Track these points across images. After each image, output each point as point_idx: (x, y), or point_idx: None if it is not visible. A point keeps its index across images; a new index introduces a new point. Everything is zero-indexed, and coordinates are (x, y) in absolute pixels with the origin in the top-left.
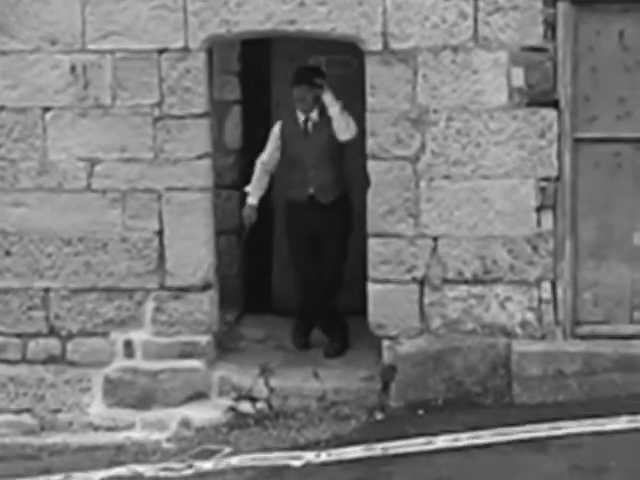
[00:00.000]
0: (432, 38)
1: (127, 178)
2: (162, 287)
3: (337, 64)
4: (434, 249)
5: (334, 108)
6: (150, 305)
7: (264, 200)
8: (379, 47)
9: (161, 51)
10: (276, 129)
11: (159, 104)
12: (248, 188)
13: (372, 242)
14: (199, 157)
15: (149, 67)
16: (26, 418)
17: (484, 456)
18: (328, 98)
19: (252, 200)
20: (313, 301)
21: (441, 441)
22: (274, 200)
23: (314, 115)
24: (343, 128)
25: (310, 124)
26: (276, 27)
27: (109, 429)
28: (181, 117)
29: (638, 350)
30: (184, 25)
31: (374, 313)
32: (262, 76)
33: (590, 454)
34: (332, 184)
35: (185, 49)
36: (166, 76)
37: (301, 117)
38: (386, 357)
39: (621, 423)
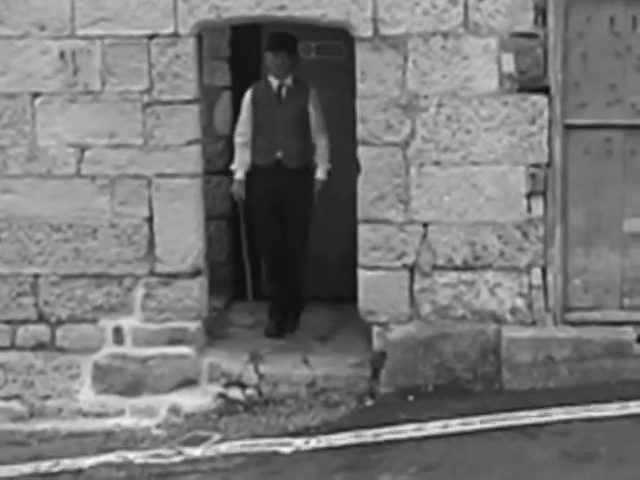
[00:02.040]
0: (422, 24)
1: (116, 164)
2: (152, 273)
3: (327, 50)
4: (424, 235)
5: (322, 138)
6: (140, 291)
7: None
8: (369, 33)
9: (150, 37)
10: (247, 96)
11: (149, 90)
12: (233, 166)
13: (362, 228)
14: (189, 143)
15: (138, 53)
16: (15, 404)
17: (474, 442)
18: (317, 123)
19: (239, 175)
20: (279, 274)
21: (431, 427)
22: None
23: (288, 81)
24: (324, 159)
25: (284, 90)
26: (266, 13)
27: (98, 416)
28: (171, 103)
29: (628, 336)
30: (174, 11)
31: (364, 299)
32: (252, 62)
33: (580, 441)
34: (300, 151)
35: (175, 35)
36: (155, 62)
37: (274, 82)
38: (376, 343)
39: (611, 410)
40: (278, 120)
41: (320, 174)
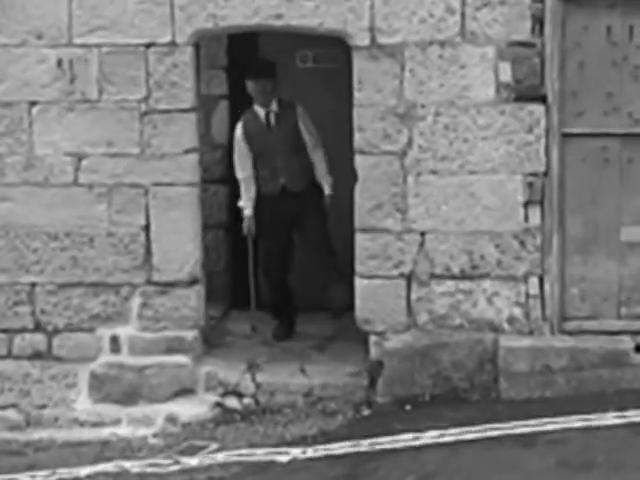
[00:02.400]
0: (419, 33)
1: (114, 173)
2: (149, 282)
3: (324, 59)
4: (421, 244)
5: (317, 153)
6: (136, 300)
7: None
8: (366, 42)
9: (148, 45)
10: (238, 131)
11: (146, 99)
12: (241, 203)
13: (359, 237)
14: (186, 152)
15: (136, 61)
16: (12, 413)
17: (471, 452)
18: (310, 139)
19: (248, 212)
20: (285, 285)
21: (428, 437)
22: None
23: (274, 106)
24: (325, 173)
25: (272, 116)
26: (263, 22)
27: (95, 425)
28: (168, 112)
29: (625, 345)
30: (171, 19)
31: (361, 308)
32: None
33: (577, 450)
34: (301, 172)
35: (172, 43)
36: (153, 71)
37: (261, 111)
38: (373, 352)
39: (608, 419)
40: (274, 147)
41: (327, 190)
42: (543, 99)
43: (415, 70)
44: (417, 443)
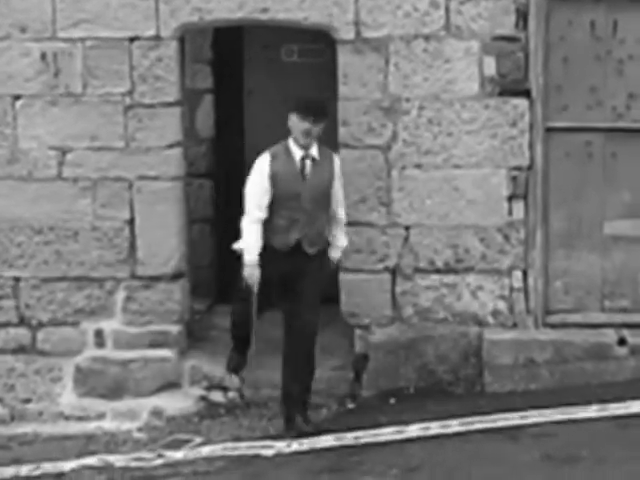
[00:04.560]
0: (404, 27)
1: (98, 167)
2: (133, 276)
3: (309, 53)
4: (406, 238)
5: (341, 211)
6: (121, 294)
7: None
8: (351, 36)
9: (132, 39)
10: (265, 167)
11: (130, 92)
12: (241, 244)
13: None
14: (170, 146)
15: (120, 55)
16: None
17: (455, 445)
18: (337, 194)
19: (253, 258)
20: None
21: (412, 430)
22: None
23: (314, 151)
24: (342, 236)
25: (308, 163)
26: (248, 15)
27: (80, 419)
28: (152, 106)
29: (608, 338)
30: (155, 13)
31: (346, 302)
32: (234, 64)
33: (561, 443)
34: (319, 233)
35: (157, 37)
36: (137, 64)
37: (298, 153)
38: (358, 346)
39: (592, 412)
40: (300, 199)
41: (338, 254)
42: (527, 93)
43: (400, 64)
44: (401, 436)
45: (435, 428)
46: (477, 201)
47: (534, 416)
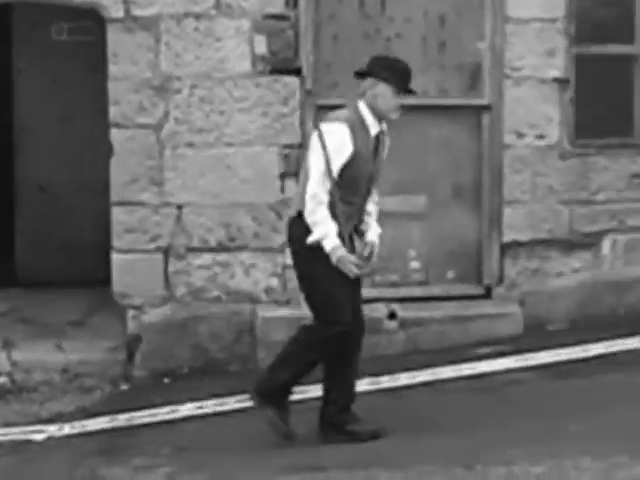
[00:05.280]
0: (175, 5)
1: None
2: None
3: (79, 31)
4: (178, 217)
5: (376, 194)
6: None
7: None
8: (120, 14)
9: None
10: (346, 141)
11: None
12: (321, 235)
13: (116, 211)
14: None
15: None
16: None
17: (226, 423)
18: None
19: (337, 241)
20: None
21: (186, 409)
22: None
23: (384, 126)
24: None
25: (382, 139)
26: None
27: None
28: None
29: (379, 313)
30: None
31: (118, 283)
32: (2, 43)
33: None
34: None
35: None
36: None
37: (374, 127)
38: (131, 327)
39: (363, 385)
40: (366, 180)
41: (377, 238)
42: (298, 71)
43: (170, 43)
44: (175, 416)
45: (209, 406)
46: (249, 179)
47: (310, 391)
